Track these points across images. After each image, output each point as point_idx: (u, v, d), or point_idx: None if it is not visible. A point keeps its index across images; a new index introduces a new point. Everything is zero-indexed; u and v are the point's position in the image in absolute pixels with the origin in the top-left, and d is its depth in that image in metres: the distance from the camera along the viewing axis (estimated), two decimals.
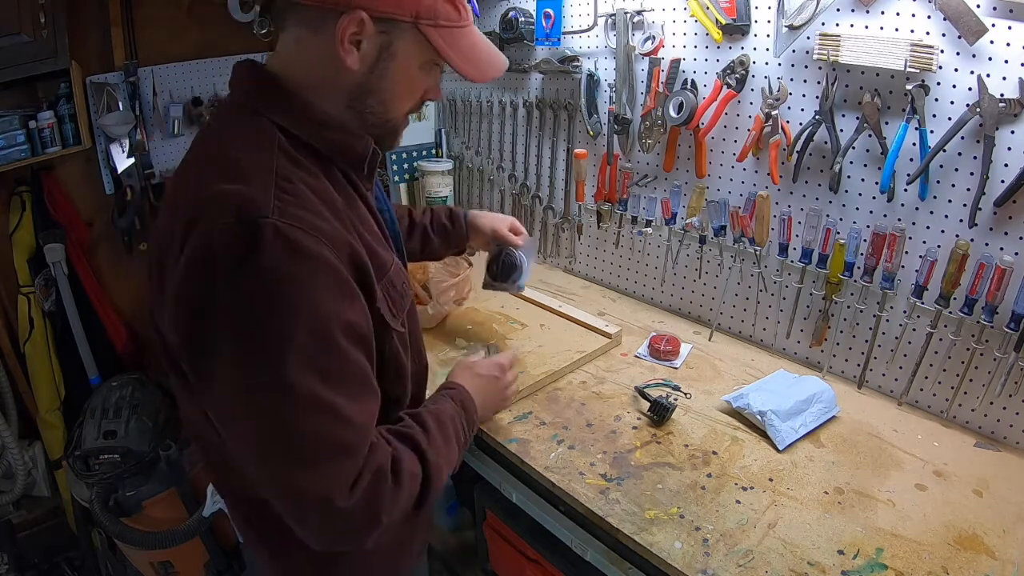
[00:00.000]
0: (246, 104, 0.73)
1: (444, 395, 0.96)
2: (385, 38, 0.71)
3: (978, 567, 0.87)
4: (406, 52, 0.72)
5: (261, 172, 0.66)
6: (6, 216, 1.89)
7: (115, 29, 1.88)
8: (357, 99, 0.74)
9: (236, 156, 0.68)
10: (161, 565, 1.80)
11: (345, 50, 0.69)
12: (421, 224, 1.33)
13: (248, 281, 0.62)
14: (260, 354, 0.63)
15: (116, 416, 1.80)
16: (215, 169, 0.68)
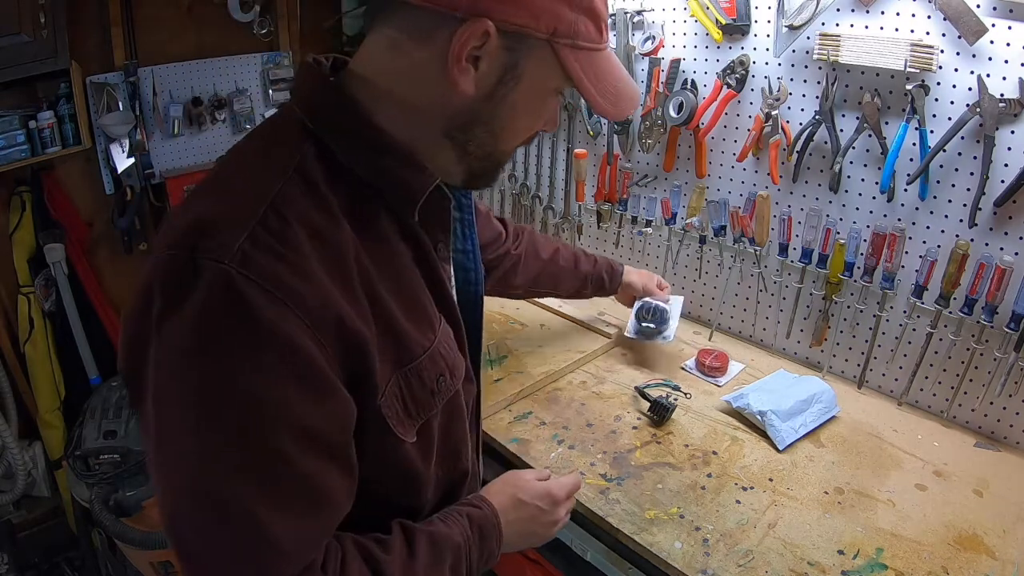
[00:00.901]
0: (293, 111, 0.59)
1: (462, 513, 0.71)
2: (511, 57, 0.55)
3: (978, 567, 0.87)
4: (533, 76, 0.57)
5: (250, 201, 0.51)
6: (6, 216, 1.90)
7: (115, 29, 1.88)
8: (461, 129, 0.58)
9: (243, 174, 0.56)
10: (161, 565, 1.80)
11: (461, 69, 0.53)
12: (582, 273, 1.34)
13: (164, 337, 0.48)
14: (176, 438, 0.50)
15: (116, 416, 1.80)
16: (221, 185, 0.57)
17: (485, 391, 1.26)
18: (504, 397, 1.25)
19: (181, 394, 0.49)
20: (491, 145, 0.60)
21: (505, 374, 1.33)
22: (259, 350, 0.48)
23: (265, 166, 0.55)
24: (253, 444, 0.50)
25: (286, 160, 0.54)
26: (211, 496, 0.49)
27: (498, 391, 1.27)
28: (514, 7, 0.52)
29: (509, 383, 1.29)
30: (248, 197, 0.52)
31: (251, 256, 0.48)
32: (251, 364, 0.48)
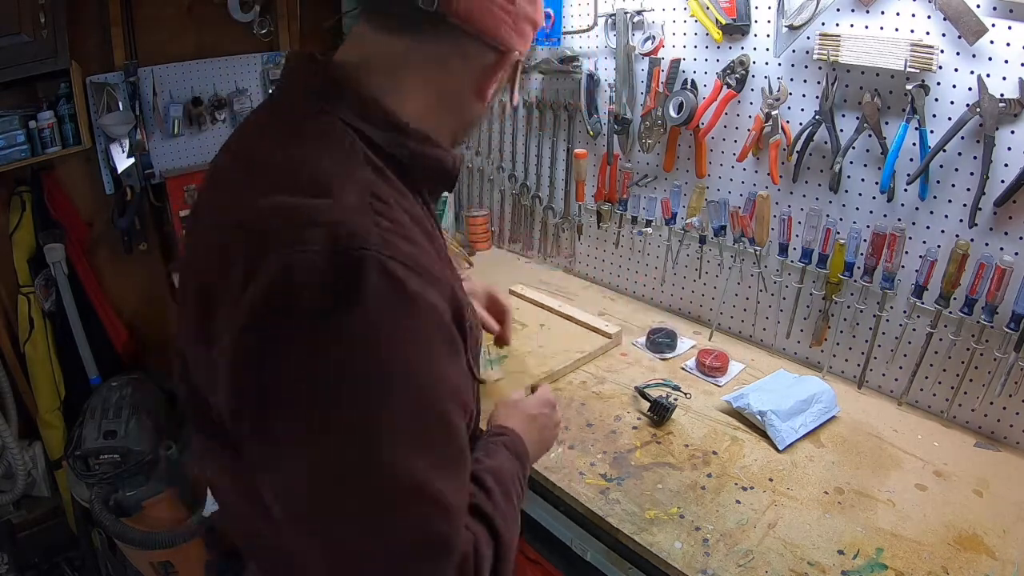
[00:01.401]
0: (311, 103, 0.60)
1: (497, 444, 0.75)
2: (504, 73, 0.67)
3: (978, 567, 0.87)
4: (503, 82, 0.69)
5: (351, 186, 0.52)
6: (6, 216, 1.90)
7: (115, 29, 1.88)
8: (465, 130, 0.70)
9: (313, 162, 0.55)
10: (161, 565, 1.80)
11: (491, 86, 0.65)
12: None
13: (343, 333, 0.47)
14: (351, 430, 0.48)
15: (116, 416, 1.80)
16: (285, 177, 0.54)
17: (485, 391, 1.27)
18: (504, 397, 1.25)
19: (362, 395, 0.48)
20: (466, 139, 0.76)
21: (505, 374, 1.33)
22: (425, 326, 0.51)
23: (333, 157, 0.56)
24: (433, 419, 0.52)
25: (348, 149, 0.57)
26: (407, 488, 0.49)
27: (498, 391, 1.27)
28: (523, 41, 0.64)
29: (509, 383, 1.29)
30: (348, 183, 0.53)
31: (388, 240, 0.50)
32: (419, 339, 0.51)
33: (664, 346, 1.45)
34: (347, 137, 0.57)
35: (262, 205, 0.52)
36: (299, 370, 0.48)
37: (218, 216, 0.60)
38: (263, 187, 0.54)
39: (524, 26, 0.64)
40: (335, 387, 0.48)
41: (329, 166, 0.54)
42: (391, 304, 0.48)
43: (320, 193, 0.51)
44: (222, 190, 0.63)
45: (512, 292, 1.75)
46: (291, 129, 0.59)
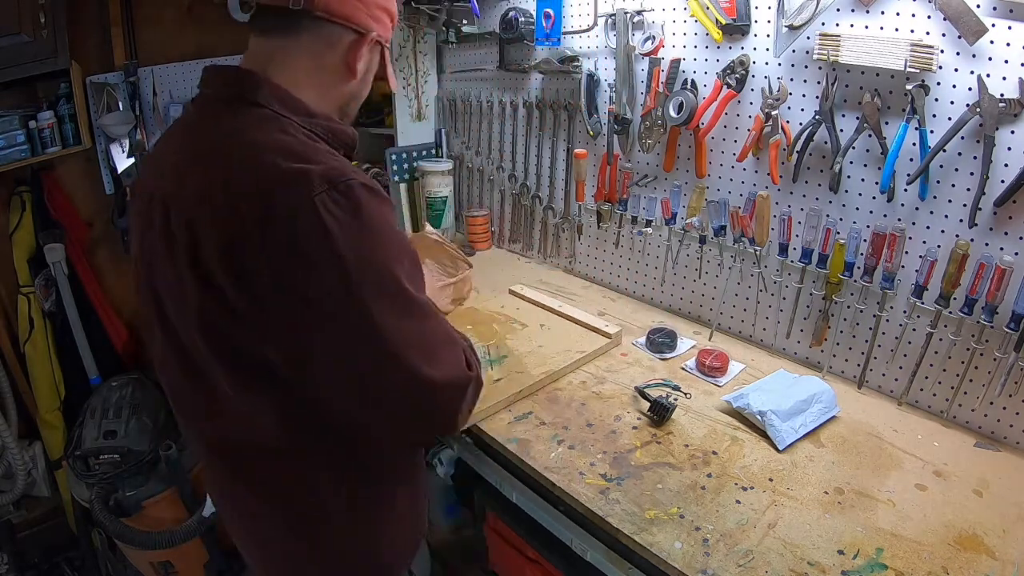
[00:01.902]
0: (242, 98, 0.78)
1: None
2: (371, 55, 0.86)
3: (978, 567, 0.87)
4: (374, 67, 0.88)
5: (315, 151, 0.74)
6: (6, 216, 1.90)
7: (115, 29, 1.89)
8: (347, 103, 0.88)
9: (279, 140, 0.74)
10: (161, 565, 1.80)
11: (357, 63, 0.83)
12: None
13: (365, 228, 0.72)
14: (386, 282, 0.74)
15: (116, 416, 1.80)
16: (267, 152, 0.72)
17: (485, 391, 1.27)
18: (504, 397, 1.25)
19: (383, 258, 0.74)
20: (353, 115, 0.91)
21: (505, 374, 1.33)
22: (392, 212, 0.79)
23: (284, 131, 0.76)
24: (417, 265, 0.80)
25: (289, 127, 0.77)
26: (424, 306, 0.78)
27: (498, 391, 1.27)
28: (380, 26, 0.84)
29: (509, 383, 1.29)
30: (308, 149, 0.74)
31: (356, 171, 0.74)
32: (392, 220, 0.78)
33: (664, 346, 1.45)
34: (281, 121, 0.77)
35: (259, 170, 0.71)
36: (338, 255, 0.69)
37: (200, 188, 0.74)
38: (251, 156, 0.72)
39: (379, 13, 0.83)
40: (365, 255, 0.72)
41: (293, 141, 0.75)
42: (375, 202, 0.74)
43: (303, 159, 0.71)
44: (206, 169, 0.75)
45: (512, 292, 1.75)
46: (242, 120, 0.77)
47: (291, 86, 0.79)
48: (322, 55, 0.81)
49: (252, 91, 0.77)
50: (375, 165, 2.28)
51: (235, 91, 0.78)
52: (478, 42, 1.99)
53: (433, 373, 0.77)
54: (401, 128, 2.18)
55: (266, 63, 0.80)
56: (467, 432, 1.23)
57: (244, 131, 0.75)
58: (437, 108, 2.24)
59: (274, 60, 0.80)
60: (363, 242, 0.72)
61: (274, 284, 0.70)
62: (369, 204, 0.72)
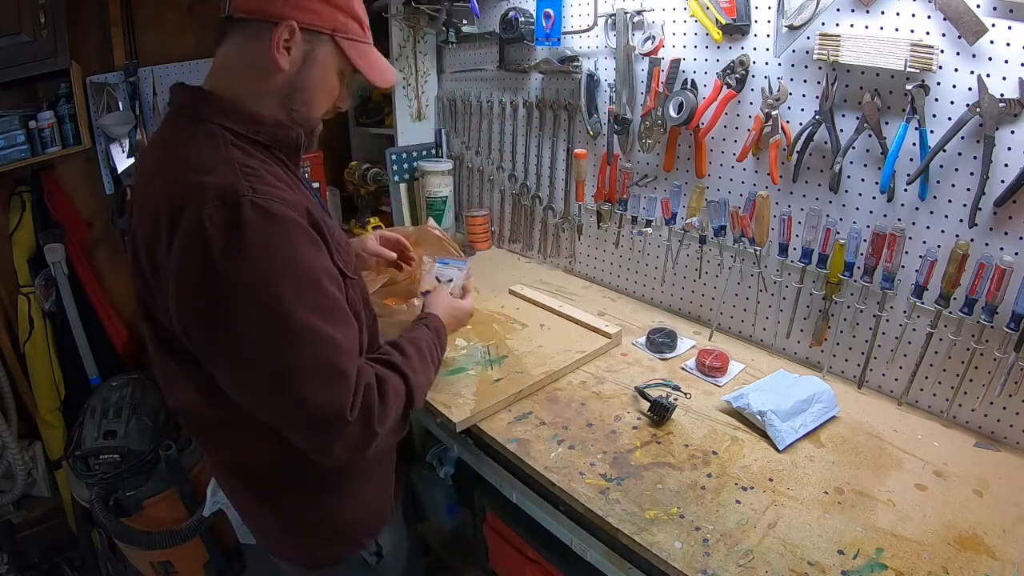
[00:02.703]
0: (190, 115, 0.84)
1: (419, 323, 1.11)
2: (309, 46, 0.86)
3: (978, 567, 0.87)
4: (324, 59, 0.88)
5: (224, 162, 0.78)
6: (6, 216, 1.90)
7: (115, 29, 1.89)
8: (287, 96, 0.87)
9: (198, 153, 0.80)
10: (161, 565, 1.80)
11: (279, 53, 0.83)
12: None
13: (242, 248, 0.73)
14: (263, 304, 0.75)
15: (116, 416, 1.80)
16: (182, 166, 0.79)
17: (485, 391, 1.27)
18: (504, 397, 1.25)
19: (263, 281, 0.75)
20: (306, 112, 0.90)
21: (505, 374, 1.33)
22: (290, 232, 0.78)
23: (211, 144, 0.81)
24: (312, 286, 0.79)
25: (219, 140, 0.81)
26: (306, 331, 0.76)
27: (498, 391, 1.27)
28: (308, 13, 0.84)
29: (509, 383, 1.29)
30: (221, 161, 0.78)
31: (255, 187, 0.77)
32: (288, 240, 0.77)
33: (664, 346, 1.45)
34: (219, 133, 0.82)
35: (170, 186, 0.78)
36: (220, 274, 0.73)
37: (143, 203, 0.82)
38: (171, 174, 0.80)
39: (305, 2, 0.84)
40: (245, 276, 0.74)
41: (207, 153, 0.79)
42: (263, 220, 0.75)
43: (206, 172, 0.76)
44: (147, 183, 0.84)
45: (512, 292, 1.75)
46: (183, 134, 0.84)
47: (234, 93, 0.85)
48: (251, 53, 0.84)
49: (197, 108, 0.84)
50: (375, 165, 2.29)
51: (186, 108, 0.86)
52: (478, 42, 1.99)
53: (302, 402, 0.77)
54: (401, 128, 2.18)
55: (216, 76, 0.87)
56: (467, 432, 1.23)
57: (180, 146, 0.82)
58: (437, 108, 2.24)
59: (219, 70, 0.87)
60: (238, 260, 0.73)
61: (175, 289, 0.76)
62: (254, 222, 0.74)
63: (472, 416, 1.20)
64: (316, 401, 0.77)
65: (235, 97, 0.85)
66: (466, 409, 1.21)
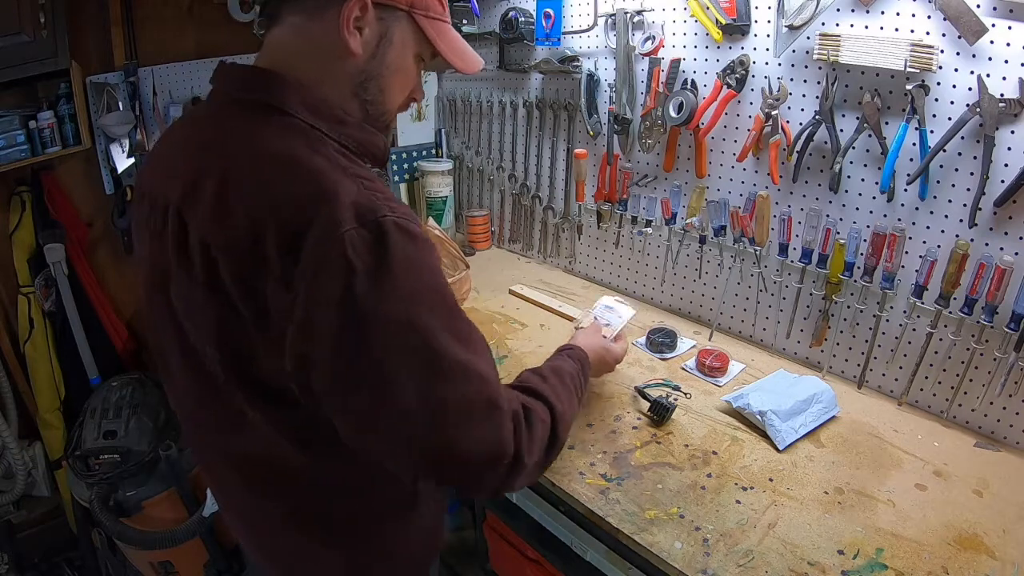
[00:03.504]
0: (267, 103, 0.71)
1: (561, 353, 1.03)
2: (384, 24, 0.73)
3: (978, 567, 0.87)
4: (402, 40, 0.75)
5: (338, 170, 0.66)
6: (6, 216, 1.90)
7: (115, 29, 1.88)
8: (360, 86, 0.75)
9: (304, 158, 0.66)
10: (161, 565, 1.80)
11: (350, 33, 0.70)
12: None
13: (390, 277, 0.63)
14: (412, 334, 0.65)
15: (116, 416, 1.80)
16: (288, 171, 0.66)
17: None
18: None
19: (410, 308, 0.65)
20: (382, 103, 0.78)
21: (505, 374, 1.33)
22: (429, 253, 0.68)
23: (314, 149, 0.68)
24: (455, 313, 0.70)
25: (316, 141, 0.69)
26: (458, 365, 0.67)
27: None
28: None
29: (509, 383, 1.29)
30: (336, 169, 0.66)
31: (390, 205, 0.65)
32: (429, 263, 0.68)
33: (664, 346, 1.45)
34: (309, 132, 0.70)
35: (274, 191, 0.64)
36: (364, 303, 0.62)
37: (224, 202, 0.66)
38: (266, 176, 0.66)
39: None
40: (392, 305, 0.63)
41: (320, 160, 0.66)
42: (408, 243, 0.64)
43: (328, 183, 0.64)
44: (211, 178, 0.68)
45: (512, 292, 1.75)
46: (261, 127, 0.69)
47: (309, 81, 0.72)
48: (313, 34, 0.72)
49: (279, 96, 0.70)
50: None
51: (258, 95, 0.71)
52: (478, 42, 1.99)
53: (456, 443, 0.67)
54: (401, 128, 2.18)
55: (284, 58, 0.72)
56: None
57: (268, 145, 0.68)
58: (437, 108, 2.24)
59: (275, 57, 0.73)
60: (386, 290, 0.63)
61: (293, 318, 0.63)
62: (400, 246, 0.64)
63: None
64: (473, 438, 0.68)
65: (309, 84, 0.72)
66: None
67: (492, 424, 0.70)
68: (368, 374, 0.64)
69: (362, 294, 0.62)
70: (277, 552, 0.92)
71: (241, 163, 0.68)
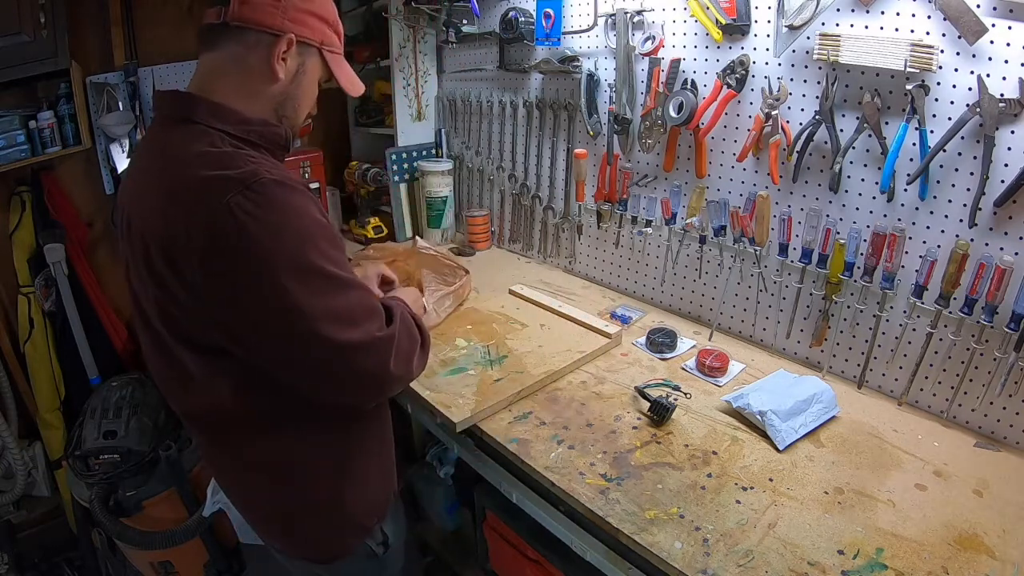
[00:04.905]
0: (181, 118, 0.87)
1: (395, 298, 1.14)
2: (301, 57, 0.92)
3: (978, 567, 0.87)
4: (312, 69, 0.95)
5: (230, 156, 0.82)
6: (6, 216, 1.90)
7: (115, 29, 1.89)
8: (280, 104, 0.93)
9: (201, 152, 0.82)
10: (161, 565, 1.80)
11: (278, 64, 0.88)
12: None
13: (272, 218, 0.78)
14: (300, 265, 0.80)
15: (116, 416, 1.80)
16: (189, 166, 0.81)
17: (486, 391, 1.27)
18: (504, 397, 1.25)
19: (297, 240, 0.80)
20: (294, 117, 0.96)
21: (505, 374, 1.33)
22: (307, 199, 0.84)
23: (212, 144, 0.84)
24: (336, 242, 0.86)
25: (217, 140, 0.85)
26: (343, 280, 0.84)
27: (498, 391, 1.27)
28: (304, 28, 0.90)
29: (509, 383, 1.29)
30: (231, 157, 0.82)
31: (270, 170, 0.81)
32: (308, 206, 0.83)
33: (664, 346, 1.45)
34: (214, 134, 0.85)
35: (186, 183, 0.80)
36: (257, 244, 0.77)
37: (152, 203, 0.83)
38: (178, 172, 0.82)
39: (301, 16, 0.89)
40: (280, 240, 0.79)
41: (213, 152, 0.83)
42: (287, 194, 0.81)
43: (221, 168, 0.80)
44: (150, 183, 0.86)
45: (512, 292, 1.75)
46: (177, 137, 0.86)
47: (225, 97, 0.88)
48: (245, 60, 0.88)
49: (188, 110, 0.86)
50: (375, 165, 2.29)
51: (177, 112, 0.88)
52: (478, 42, 1.99)
53: (350, 337, 0.83)
54: (401, 128, 2.19)
55: (205, 79, 0.89)
56: (467, 432, 1.23)
57: (178, 148, 0.84)
58: (437, 108, 2.25)
59: (211, 74, 0.89)
60: (276, 231, 0.78)
61: (205, 280, 0.79)
62: (280, 196, 0.79)
63: (472, 416, 1.20)
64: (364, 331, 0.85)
65: (224, 101, 0.88)
66: (466, 409, 1.21)
67: (375, 317, 0.88)
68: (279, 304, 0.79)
69: (255, 240, 0.76)
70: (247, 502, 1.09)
71: (161, 166, 0.85)
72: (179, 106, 0.88)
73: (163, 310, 0.87)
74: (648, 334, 1.48)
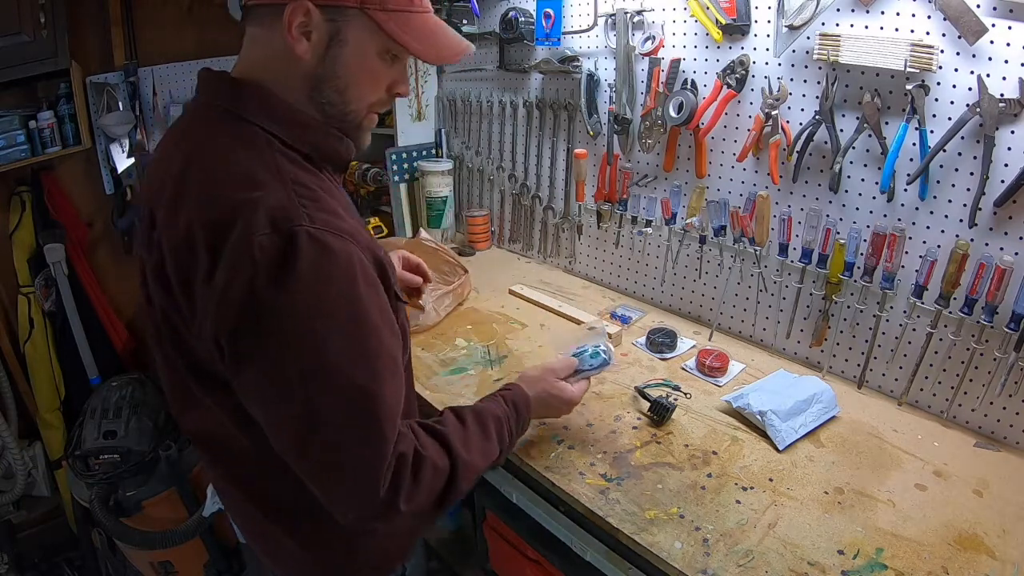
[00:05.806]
0: (230, 110, 0.74)
1: (497, 395, 0.99)
2: (334, 26, 0.72)
3: (978, 567, 0.87)
4: (358, 39, 0.73)
5: (275, 177, 0.69)
6: (6, 216, 1.90)
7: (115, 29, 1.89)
8: (315, 89, 0.75)
9: (244, 163, 0.70)
10: (161, 565, 1.80)
11: (295, 39, 0.71)
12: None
13: (292, 282, 0.65)
14: (302, 347, 0.67)
15: (116, 416, 1.80)
16: (226, 178, 0.69)
17: (486, 391, 1.27)
18: None
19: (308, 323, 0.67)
20: (342, 104, 0.77)
21: (505, 374, 1.33)
22: (347, 268, 0.69)
23: (259, 156, 0.71)
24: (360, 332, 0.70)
25: (265, 148, 0.72)
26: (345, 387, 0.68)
27: None
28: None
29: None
30: (272, 176, 0.69)
31: (312, 215, 0.68)
32: (344, 278, 0.68)
33: (664, 346, 1.45)
34: (264, 139, 0.72)
35: (214, 196, 0.68)
36: (265, 308, 0.65)
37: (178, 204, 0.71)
38: (211, 182, 0.70)
39: None
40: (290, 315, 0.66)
41: (258, 166, 0.70)
42: (320, 257, 0.66)
43: (254, 187, 0.67)
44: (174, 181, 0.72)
45: (512, 292, 1.75)
46: (221, 136, 0.73)
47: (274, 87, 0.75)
48: (269, 42, 0.73)
49: (240, 104, 0.74)
50: (375, 165, 2.29)
51: (224, 103, 0.75)
52: (478, 42, 1.99)
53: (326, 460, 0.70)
54: (401, 128, 2.18)
55: (250, 67, 0.76)
56: None
57: (219, 152, 0.72)
58: (437, 108, 2.24)
59: (243, 63, 0.77)
60: (286, 294, 0.65)
61: (213, 312, 0.68)
62: (308, 256, 0.66)
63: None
64: (348, 456, 0.70)
65: (269, 89, 0.74)
66: None
67: (373, 451, 0.70)
68: (261, 367, 0.68)
69: (261, 291, 0.65)
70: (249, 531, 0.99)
71: (192, 169, 0.72)
72: (225, 94, 0.75)
73: (168, 323, 0.77)
74: (648, 334, 1.48)
